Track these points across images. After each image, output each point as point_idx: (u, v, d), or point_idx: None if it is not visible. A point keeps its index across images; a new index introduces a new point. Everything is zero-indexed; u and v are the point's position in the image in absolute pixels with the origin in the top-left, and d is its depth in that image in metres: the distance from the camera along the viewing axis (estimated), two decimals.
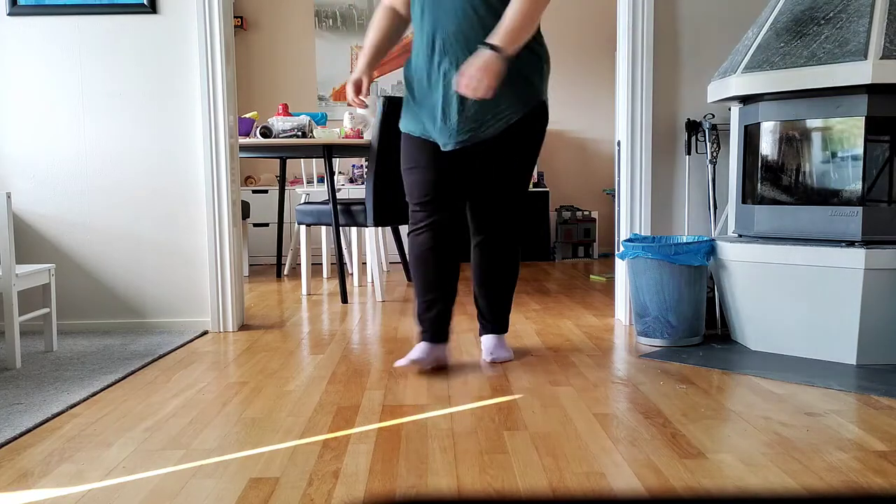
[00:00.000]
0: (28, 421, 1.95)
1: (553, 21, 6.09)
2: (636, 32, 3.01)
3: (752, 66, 2.54)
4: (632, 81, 3.03)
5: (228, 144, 3.10)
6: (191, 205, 3.16)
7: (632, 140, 3.06)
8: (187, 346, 2.88)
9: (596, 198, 6.22)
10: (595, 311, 3.46)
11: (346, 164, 6.11)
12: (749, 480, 1.52)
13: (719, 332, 2.89)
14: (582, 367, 2.43)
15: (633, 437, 1.77)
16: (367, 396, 2.14)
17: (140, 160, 3.15)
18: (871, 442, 1.71)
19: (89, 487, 1.53)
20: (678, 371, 2.37)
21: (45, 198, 3.17)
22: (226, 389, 2.24)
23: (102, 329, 3.20)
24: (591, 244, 5.89)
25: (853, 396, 2.07)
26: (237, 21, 5.97)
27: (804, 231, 2.53)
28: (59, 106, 3.14)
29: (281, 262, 5.08)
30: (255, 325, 3.26)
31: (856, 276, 2.34)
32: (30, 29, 3.11)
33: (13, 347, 2.53)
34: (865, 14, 2.37)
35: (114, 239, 3.18)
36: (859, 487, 1.48)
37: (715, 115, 2.99)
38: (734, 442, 1.73)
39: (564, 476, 1.55)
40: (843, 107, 2.42)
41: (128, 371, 2.46)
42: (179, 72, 3.11)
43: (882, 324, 2.37)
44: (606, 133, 6.16)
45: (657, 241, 2.89)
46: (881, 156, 2.50)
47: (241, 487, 1.51)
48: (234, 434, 1.84)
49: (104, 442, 1.80)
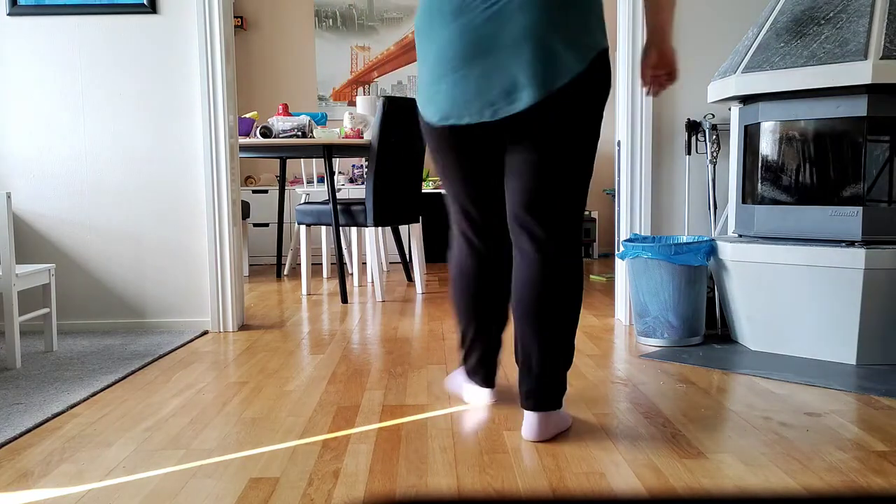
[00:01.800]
0: (28, 421, 1.95)
1: None
2: (636, 33, 3.01)
3: (752, 66, 2.54)
4: (632, 81, 3.03)
5: (228, 144, 3.10)
6: (191, 205, 3.16)
7: (632, 140, 3.06)
8: (187, 346, 2.88)
9: (596, 198, 6.22)
10: (595, 311, 3.46)
11: (346, 164, 6.11)
12: (749, 480, 1.51)
13: (719, 332, 2.89)
14: (582, 367, 2.43)
15: (633, 437, 1.77)
16: (367, 396, 2.14)
17: (140, 160, 3.15)
18: (871, 442, 1.71)
19: (89, 487, 1.53)
20: (678, 371, 2.37)
21: (45, 198, 3.17)
22: (226, 389, 2.24)
23: (102, 329, 3.20)
24: (591, 244, 5.89)
25: (853, 396, 2.07)
26: (237, 21, 5.97)
27: (804, 231, 2.53)
28: (59, 106, 3.14)
29: (281, 262, 5.08)
30: (255, 325, 3.26)
31: (856, 276, 2.34)
32: (30, 29, 3.11)
33: (13, 347, 2.53)
34: (865, 14, 2.37)
35: (114, 239, 3.18)
36: (859, 487, 1.48)
37: (715, 115, 2.99)
38: (734, 442, 1.73)
39: (564, 476, 1.55)
40: (843, 107, 2.42)
41: (128, 371, 2.46)
42: (179, 72, 3.11)
43: (882, 324, 2.37)
44: (606, 133, 6.16)
45: (657, 241, 2.89)
46: (881, 156, 2.50)
47: (241, 487, 1.51)
48: (234, 434, 1.84)
49: (104, 442, 1.80)
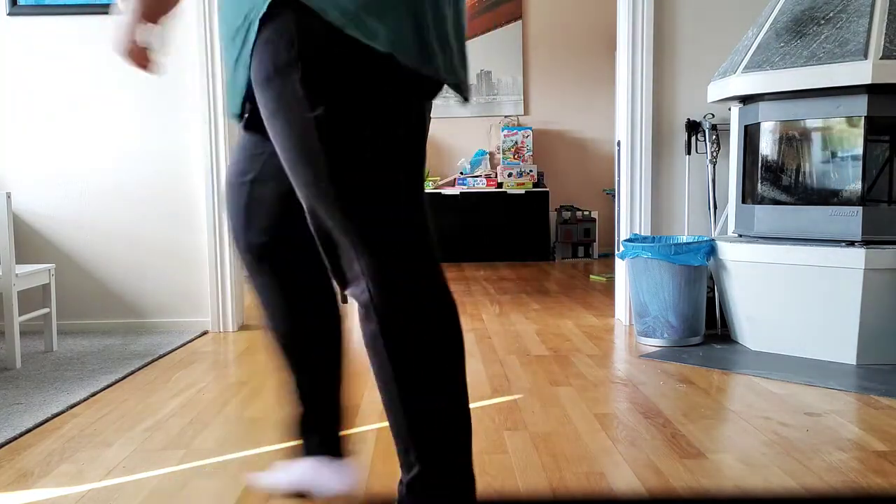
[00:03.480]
0: (28, 421, 1.95)
1: (553, 21, 6.09)
2: (636, 32, 3.01)
3: (752, 66, 2.54)
4: (632, 81, 3.03)
5: (228, 144, 3.10)
6: (191, 205, 3.16)
7: (632, 140, 3.06)
8: (187, 346, 2.88)
9: (596, 198, 6.22)
10: (595, 311, 3.46)
11: None
12: (749, 480, 1.51)
13: (719, 332, 2.89)
14: (582, 367, 2.43)
15: (633, 437, 1.77)
16: (367, 396, 2.14)
17: (140, 160, 3.15)
18: (871, 442, 1.71)
19: (89, 487, 1.53)
20: (678, 371, 2.37)
21: (45, 198, 3.17)
22: (226, 389, 2.24)
23: (102, 329, 3.20)
24: (591, 244, 5.89)
25: (853, 396, 2.07)
26: None
27: (804, 231, 2.53)
28: (59, 106, 3.14)
29: None
30: (255, 325, 3.26)
31: (856, 276, 2.34)
32: (30, 29, 3.10)
33: (13, 347, 2.53)
34: (865, 14, 2.37)
35: (114, 239, 3.18)
36: (859, 487, 1.48)
37: (715, 115, 2.98)
38: (734, 442, 1.73)
39: (564, 476, 1.55)
40: (843, 107, 2.42)
41: (128, 371, 2.46)
42: (180, 72, 3.11)
43: (882, 324, 2.37)
44: (606, 133, 6.16)
45: (657, 241, 2.89)
46: (881, 156, 2.50)
47: (241, 487, 1.51)
48: (234, 434, 1.84)
49: (104, 442, 1.80)
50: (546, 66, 6.13)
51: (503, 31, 6.08)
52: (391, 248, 1.11)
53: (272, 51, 1.07)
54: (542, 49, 6.11)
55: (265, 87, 1.10)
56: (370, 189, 1.10)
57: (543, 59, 6.12)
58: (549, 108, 6.16)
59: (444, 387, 1.14)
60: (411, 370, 1.12)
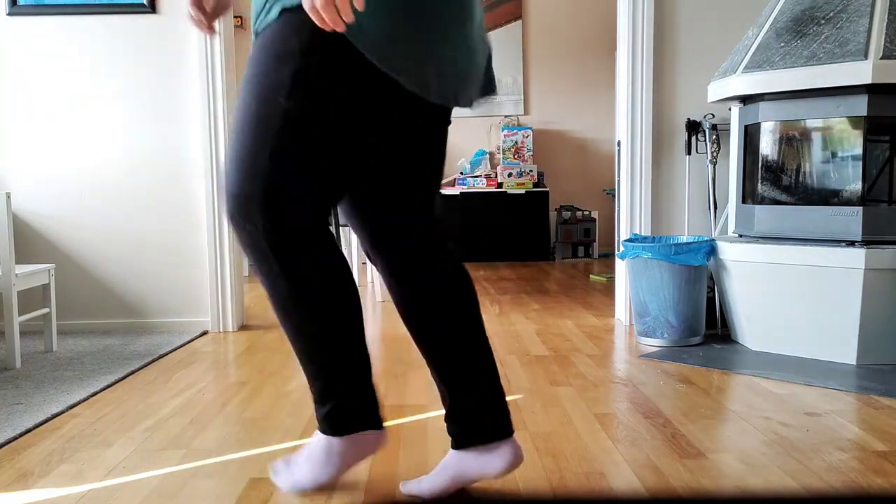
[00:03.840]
0: (28, 421, 1.95)
1: (553, 21, 6.09)
2: (636, 32, 3.01)
3: (752, 66, 2.54)
4: (632, 81, 3.03)
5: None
6: (191, 205, 3.16)
7: (632, 140, 3.06)
8: (187, 346, 2.88)
9: (596, 198, 6.22)
10: (595, 311, 3.46)
11: None
12: (749, 480, 1.51)
13: (719, 332, 2.89)
14: (582, 367, 2.43)
15: (633, 437, 1.76)
16: None
17: (140, 160, 3.15)
18: (871, 442, 1.71)
19: (89, 487, 1.53)
20: (678, 371, 2.37)
21: (45, 198, 3.17)
22: (226, 389, 2.24)
23: (102, 329, 3.20)
24: (591, 244, 5.89)
25: (853, 396, 2.07)
26: (237, 21, 5.96)
27: (804, 231, 2.53)
28: (59, 106, 3.14)
29: None
30: (254, 325, 3.26)
31: (856, 276, 2.34)
32: (30, 29, 3.10)
33: (13, 347, 2.53)
34: (865, 14, 2.37)
35: (114, 239, 3.18)
36: (859, 487, 1.48)
37: (715, 115, 2.98)
38: (734, 442, 1.73)
39: (564, 476, 1.55)
40: (843, 107, 2.42)
41: (128, 371, 2.46)
42: (179, 72, 3.11)
43: (882, 324, 2.37)
44: (606, 133, 6.16)
45: (657, 241, 2.89)
46: (881, 156, 2.50)
47: (241, 487, 1.51)
48: (234, 434, 1.84)
49: (104, 442, 1.80)
50: (546, 66, 6.13)
51: (503, 31, 6.08)
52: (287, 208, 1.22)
53: (287, 31, 1.14)
54: (542, 49, 6.12)
55: (260, 51, 1.16)
56: (283, 156, 1.18)
57: (543, 59, 6.12)
58: (549, 108, 6.16)
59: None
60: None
